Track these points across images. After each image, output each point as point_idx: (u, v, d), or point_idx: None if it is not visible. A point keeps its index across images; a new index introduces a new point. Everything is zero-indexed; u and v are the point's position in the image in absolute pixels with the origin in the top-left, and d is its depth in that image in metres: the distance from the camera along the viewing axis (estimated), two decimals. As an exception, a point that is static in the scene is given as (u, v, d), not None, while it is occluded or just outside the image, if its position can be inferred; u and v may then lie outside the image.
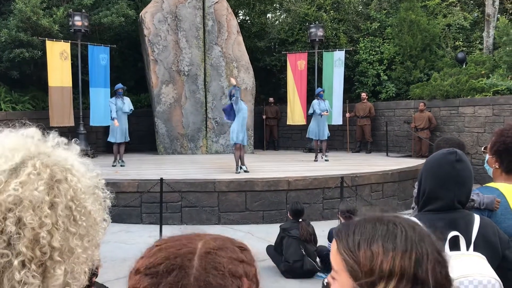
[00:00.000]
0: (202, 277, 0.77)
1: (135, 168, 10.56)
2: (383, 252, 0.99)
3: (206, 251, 0.81)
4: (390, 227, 1.04)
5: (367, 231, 1.04)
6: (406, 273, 0.97)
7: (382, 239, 1.01)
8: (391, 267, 0.98)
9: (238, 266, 0.80)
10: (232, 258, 0.81)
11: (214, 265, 0.78)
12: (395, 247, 1.00)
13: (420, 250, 1.00)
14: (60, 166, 1.00)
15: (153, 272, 0.79)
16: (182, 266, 0.78)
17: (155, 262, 0.81)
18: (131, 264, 3.69)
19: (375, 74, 15.63)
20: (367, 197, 9.13)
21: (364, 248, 1.01)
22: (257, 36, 17.39)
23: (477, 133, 12.48)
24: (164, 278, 0.78)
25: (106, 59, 13.47)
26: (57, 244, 0.94)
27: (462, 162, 2.06)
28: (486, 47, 14.77)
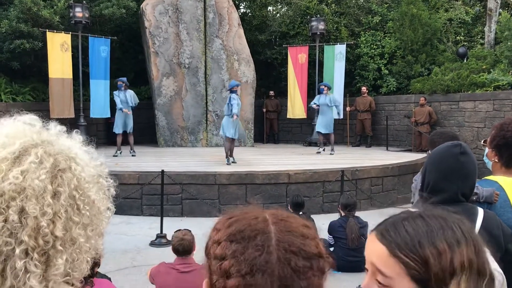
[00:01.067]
0: (285, 239, 0.85)
1: (135, 160, 10.56)
2: (448, 248, 0.95)
3: (278, 219, 0.89)
4: (442, 222, 1.00)
5: (421, 228, 0.98)
6: (474, 264, 0.95)
7: (442, 235, 0.96)
8: (461, 262, 0.94)
9: (308, 230, 0.90)
10: (300, 224, 0.90)
11: (289, 229, 0.87)
12: (458, 240, 0.96)
13: (476, 241, 0.99)
14: (64, 155, 1.00)
15: (239, 238, 0.86)
16: (264, 231, 0.86)
17: (237, 229, 0.88)
18: (131, 255, 3.76)
19: (376, 68, 15.61)
20: (367, 191, 9.15)
21: (428, 247, 0.95)
22: (258, 29, 17.34)
23: (477, 128, 12.49)
24: (251, 242, 0.85)
25: (107, 51, 13.43)
26: (59, 233, 0.94)
27: (466, 155, 2.06)
28: (487, 42, 14.74)
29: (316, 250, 0.86)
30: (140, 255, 6.35)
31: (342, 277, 5.66)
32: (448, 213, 1.04)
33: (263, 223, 0.88)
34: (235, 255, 0.84)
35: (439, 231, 0.97)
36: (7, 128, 1.01)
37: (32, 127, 1.02)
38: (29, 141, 0.98)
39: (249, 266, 0.82)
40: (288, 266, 0.82)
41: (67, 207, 0.96)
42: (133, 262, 6.09)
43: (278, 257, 0.82)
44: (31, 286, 0.92)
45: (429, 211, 1.04)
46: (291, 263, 0.82)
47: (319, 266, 0.85)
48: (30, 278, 0.91)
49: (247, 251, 0.83)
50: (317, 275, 0.84)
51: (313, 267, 0.84)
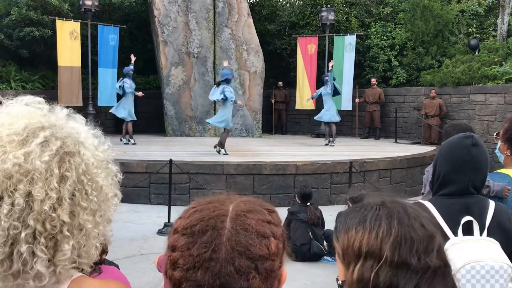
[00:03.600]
0: (234, 237, 0.85)
1: (143, 149, 10.59)
2: (355, 234, 1.04)
3: (237, 214, 0.89)
4: (367, 210, 1.07)
5: (349, 217, 1.09)
6: (372, 251, 1.00)
7: (357, 222, 1.06)
8: (359, 247, 1.02)
9: (265, 227, 0.88)
10: (260, 219, 0.89)
11: (244, 226, 0.86)
12: (365, 227, 1.04)
13: (387, 227, 1.01)
14: (73, 139, 0.99)
15: (189, 232, 0.87)
16: (215, 227, 0.86)
17: (191, 223, 0.88)
18: (139, 243, 3.77)
19: (386, 59, 15.47)
20: (375, 183, 9.11)
21: (343, 233, 1.08)
22: (268, 19, 17.23)
23: (488, 121, 12.36)
24: (199, 238, 0.85)
25: (116, 40, 13.43)
26: (66, 218, 0.93)
27: (478, 146, 2.03)
28: (500, 34, 14.54)
29: (265, 251, 0.85)
30: (147, 244, 6.38)
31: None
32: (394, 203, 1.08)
33: (218, 218, 0.87)
34: (182, 249, 0.85)
35: (357, 220, 1.06)
36: (14, 109, 1.00)
37: (39, 109, 1.01)
38: (37, 123, 0.97)
39: (193, 262, 0.84)
40: (231, 265, 0.82)
41: (74, 192, 0.95)
42: (140, 250, 6.12)
43: (224, 256, 0.83)
44: (38, 270, 0.91)
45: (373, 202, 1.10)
46: (235, 263, 0.82)
47: (263, 268, 0.84)
48: (37, 263, 0.91)
49: (194, 247, 0.84)
50: (259, 277, 0.84)
51: (257, 269, 0.83)
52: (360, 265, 1.01)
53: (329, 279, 5.27)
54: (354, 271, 1.01)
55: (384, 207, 1.06)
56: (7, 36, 12.97)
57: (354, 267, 1.02)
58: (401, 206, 1.07)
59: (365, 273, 0.99)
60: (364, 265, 1.00)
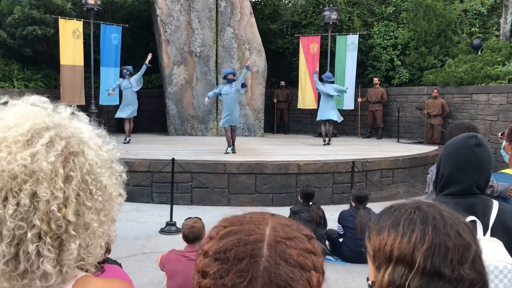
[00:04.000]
0: (273, 269, 0.77)
1: (145, 148, 10.60)
2: (387, 237, 1.02)
3: (276, 240, 0.81)
4: (401, 212, 1.04)
5: (382, 219, 1.07)
6: (404, 256, 0.97)
7: (389, 225, 1.03)
8: (390, 251, 0.99)
9: (307, 258, 0.81)
10: (301, 249, 0.81)
11: (284, 256, 0.79)
12: (397, 231, 1.01)
13: (421, 233, 0.98)
14: (77, 139, 0.99)
15: (223, 258, 0.80)
16: (253, 254, 0.79)
17: (224, 247, 0.81)
18: (141, 242, 3.77)
19: (389, 59, 15.44)
20: (377, 183, 9.10)
21: (376, 234, 1.05)
22: (270, 18, 17.22)
23: (490, 121, 12.33)
24: (234, 266, 0.78)
25: (118, 39, 13.44)
26: (72, 218, 0.94)
27: (482, 146, 2.02)
28: (503, 34, 14.50)
29: (307, 286, 0.79)
30: (150, 242, 6.39)
31: (350, 268, 5.66)
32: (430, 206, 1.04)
33: (255, 244, 0.80)
34: (215, 276, 0.79)
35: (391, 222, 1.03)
36: (18, 109, 1.00)
37: (43, 109, 1.01)
38: (41, 123, 0.97)
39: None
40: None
41: (79, 191, 0.96)
42: (143, 249, 6.13)
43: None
44: (45, 270, 0.92)
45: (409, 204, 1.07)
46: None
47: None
48: (44, 262, 0.91)
49: (228, 276, 0.78)
50: None
51: None
52: (391, 270, 0.98)
53: (332, 278, 5.27)
54: (385, 275, 0.99)
55: (420, 211, 1.03)
56: (10, 35, 12.99)
57: (385, 270, 0.99)
58: (437, 211, 1.02)
59: (396, 279, 0.97)
60: (395, 270, 0.97)
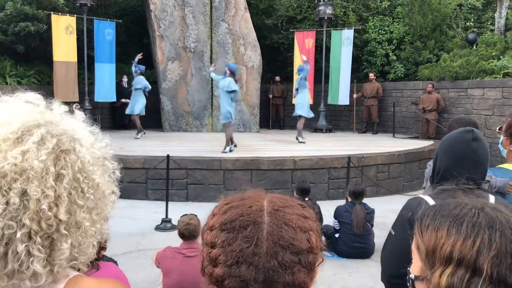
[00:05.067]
0: (275, 231, 0.85)
1: (140, 145, 10.56)
2: (446, 236, 0.98)
3: (275, 209, 0.89)
4: (464, 212, 1.00)
5: (440, 214, 1.03)
6: (466, 260, 0.93)
7: (449, 223, 0.99)
8: (450, 252, 0.95)
9: (304, 221, 0.89)
10: (298, 214, 0.89)
11: (285, 221, 0.86)
12: (459, 231, 0.96)
13: (487, 238, 0.94)
14: (68, 136, 0.97)
15: (229, 228, 0.86)
16: (256, 221, 0.86)
17: (230, 218, 0.87)
18: (137, 239, 3.73)
19: (384, 54, 15.43)
20: (373, 178, 9.10)
21: (431, 230, 1.01)
22: (265, 13, 17.16)
23: (485, 115, 12.35)
24: (240, 233, 0.85)
25: (112, 34, 13.35)
26: (63, 217, 0.92)
27: (478, 141, 2.01)
28: (497, 28, 14.50)
29: (307, 245, 0.86)
30: (145, 239, 6.36)
31: (347, 263, 5.65)
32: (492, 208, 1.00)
33: (257, 213, 0.87)
34: (223, 244, 0.85)
35: (450, 220, 0.99)
36: (9, 106, 0.98)
37: (35, 106, 1.00)
38: (32, 121, 0.95)
39: (235, 257, 0.83)
40: (275, 259, 0.82)
41: (70, 190, 0.94)
42: (138, 246, 6.11)
43: (266, 250, 0.83)
44: (35, 270, 0.90)
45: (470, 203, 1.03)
46: (278, 257, 0.82)
47: (307, 261, 0.85)
48: (34, 262, 0.90)
49: (235, 242, 0.84)
50: (304, 270, 0.84)
51: (300, 262, 0.84)
52: (450, 272, 0.94)
53: (328, 274, 5.26)
54: (442, 276, 0.95)
55: (485, 214, 0.98)
56: (2, 31, 12.87)
57: (442, 271, 0.95)
58: (504, 216, 0.98)
59: (456, 283, 0.93)
60: (455, 273, 0.93)
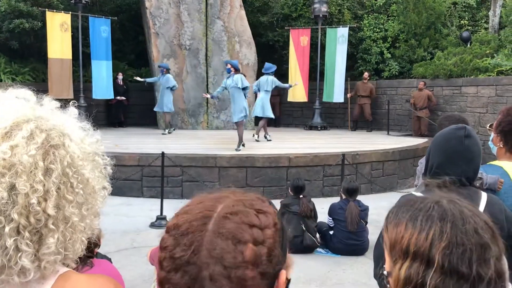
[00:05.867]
0: (213, 241, 0.83)
1: (135, 142, 10.54)
2: (404, 230, 1.00)
3: (220, 216, 0.86)
4: (420, 206, 1.02)
5: (401, 210, 1.06)
6: (420, 252, 0.96)
7: (407, 218, 1.02)
8: (407, 246, 0.98)
9: (245, 231, 0.84)
10: (242, 222, 0.85)
11: (221, 230, 0.84)
12: (415, 225, 0.99)
13: (439, 230, 0.96)
14: (58, 131, 0.97)
15: (175, 234, 0.87)
16: (197, 229, 0.85)
17: (178, 223, 0.88)
18: (131, 236, 3.75)
19: (379, 52, 15.46)
20: (368, 175, 9.13)
21: (393, 226, 1.05)
22: (260, 11, 17.14)
23: (479, 113, 12.42)
24: (181, 240, 0.85)
25: (108, 31, 13.31)
26: (52, 211, 0.92)
27: (470, 137, 2.03)
28: (491, 26, 14.57)
29: (239, 259, 0.81)
30: (140, 237, 6.36)
31: (341, 260, 5.68)
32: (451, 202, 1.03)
33: (202, 220, 0.85)
34: (168, 249, 0.85)
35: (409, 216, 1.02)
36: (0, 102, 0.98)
37: (26, 102, 0.99)
38: (22, 116, 0.95)
39: (173, 263, 0.84)
40: (206, 271, 0.82)
41: (59, 184, 0.94)
42: (133, 243, 6.11)
43: (201, 260, 0.82)
44: (23, 265, 0.90)
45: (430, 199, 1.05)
46: (210, 269, 0.81)
47: (237, 276, 0.81)
48: (22, 257, 0.89)
49: (176, 249, 0.84)
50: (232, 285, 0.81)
51: (230, 277, 0.81)
52: (407, 265, 0.97)
53: (322, 270, 5.29)
54: (401, 270, 0.98)
55: (439, 206, 1.01)
56: (-3, 28, 12.82)
57: (402, 264, 0.98)
58: (458, 208, 1.00)
59: (413, 275, 0.95)
60: (412, 266, 0.96)
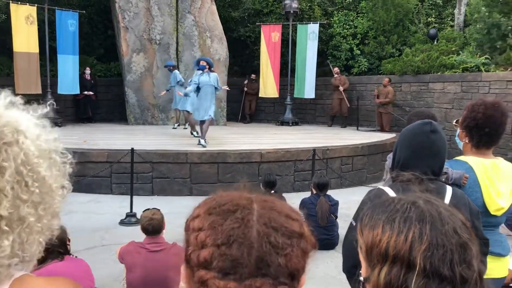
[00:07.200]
0: (266, 215, 0.83)
1: (104, 138, 10.36)
2: (381, 233, 0.97)
3: (262, 199, 0.88)
4: (396, 208, 0.99)
5: (376, 213, 1.02)
6: (400, 255, 0.93)
7: (383, 221, 0.99)
8: (386, 249, 0.95)
9: (293, 212, 0.88)
10: (286, 206, 0.88)
11: (274, 207, 0.86)
12: (393, 228, 0.96)
13: (418, 231, 0.94)
14: (11, 128, 0.92)
15: (218, 212, 0.84)
16: (246, 206, 0.84)
17: (218, 203, 0.86)
18: (101, 234, 3.69)
19: (348, 48, 15.63)
20: (338, 170, 9.25)
21: (369, 229, 1.01)
22: (232, 6, 17.07)
23: (446, 109, 12.73)
24: (230, 215, 0.83)
25: (75, 25, 13.00)
26: (4, 212, 0.87)
27: (436, 133, 2.08)
28: (457, 24, 14.93)
29: (299, 229, 0.84)
30: (109, 234, 6.27)
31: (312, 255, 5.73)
32: (428, 203, 1.01)
33: (246, 200, 0.86)
34: (212, 225, 0.82)
35: (385, 218, 0.99)
36: None
37: None
38: None
39: (226, 236, 0.80)
40: (267, 241, 0.80)
41: (13, 183, 0.89)
42: (102, 241, 6.01)
43: (257, 231, 0.80)
44: None
45: (404, 199, 1.03)
46: (271, 238, 0.80)
47: (300, 245, 0.83)
48: None
49: (225, 222, 0.81)
50: (297, 254, 0.82)
51: (293, 245, 0.82)
52: (387, 269, 0.94)
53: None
54: (380, 274, 0.95)
55: (416, 207, 0.98)
56: (-42, 20, 12.36)
57: (381, 269, 0.95)
58: (435, 208, 0.99)
59: (393, 279, 0.93)
60: (392, 270, 0.93)
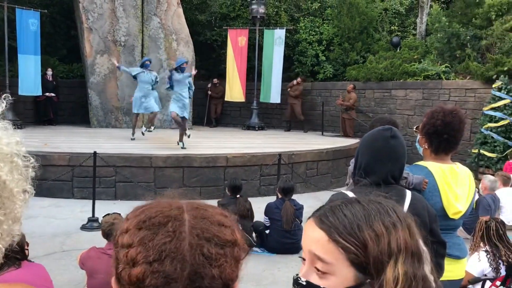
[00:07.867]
0: (198, 226, 0.81)
1: (66, 141, 10.10)
2: (386, 230, 0.95)
3: (193, 207, 0.86)
4: (378, 206, 1.00)
5: (359, 212, 0.98)
6: (409, 247, 0.96)
7: (379, 218, 0.96)
8: (398, 244, 0.94)
9: (225, 219, 0.86)
10: (218, 213, 0.86)
11: (205, 216, 0.84)
12: (395, 224, 0.97)
13: (410, 225, 0.99)
14: None
15: (148, 225, 0.81)
16: (177, 217, 0.82)
17: (147, 216, 0.83)
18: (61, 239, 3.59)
19: (314, 54, 15.83)
20: (303, 175, 9.33)
21: (366, 230, 0.94)
22: (198, 9, 17.01)
23: (408, 115, 13.06)
24: (161, 228, 0.80)
25: (36, 25, 12.65)
26: None
27: (396, 138, 2.14)
28: (419, 33, 15.37)
29: (232, 237, 0.83)
30: (70, 239, 6.12)
31: (277, 259, 5.76)
32: (383, 198, 1.05)
33: (176, 210, 0.83)
34: (143, 241, 0.78)
35: (376, 215, 0.97)
36: None
37: None
38: None
39: (157, 252, 0.77)
40: (200, 253, 0.78)
41: None
42: (62, 246, 5.86)
43: (190, 244, 0.78)
44: None
45: (365, 196, 1.05)
46: (204, 250, 0.78)
47: (233, 254, 0.81)
48: None
49: (156, 237, 0.78)
50: (231, 264, 0.81)
51: (226, 255, 0.80)
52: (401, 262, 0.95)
53: (258, 270, 5.33)
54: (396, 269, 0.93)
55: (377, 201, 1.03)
56: None
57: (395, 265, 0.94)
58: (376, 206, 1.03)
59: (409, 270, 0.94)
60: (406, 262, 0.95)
